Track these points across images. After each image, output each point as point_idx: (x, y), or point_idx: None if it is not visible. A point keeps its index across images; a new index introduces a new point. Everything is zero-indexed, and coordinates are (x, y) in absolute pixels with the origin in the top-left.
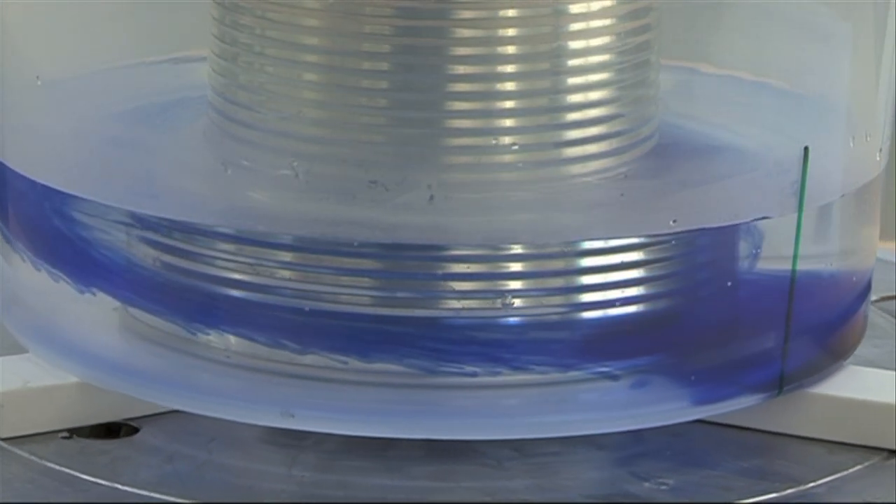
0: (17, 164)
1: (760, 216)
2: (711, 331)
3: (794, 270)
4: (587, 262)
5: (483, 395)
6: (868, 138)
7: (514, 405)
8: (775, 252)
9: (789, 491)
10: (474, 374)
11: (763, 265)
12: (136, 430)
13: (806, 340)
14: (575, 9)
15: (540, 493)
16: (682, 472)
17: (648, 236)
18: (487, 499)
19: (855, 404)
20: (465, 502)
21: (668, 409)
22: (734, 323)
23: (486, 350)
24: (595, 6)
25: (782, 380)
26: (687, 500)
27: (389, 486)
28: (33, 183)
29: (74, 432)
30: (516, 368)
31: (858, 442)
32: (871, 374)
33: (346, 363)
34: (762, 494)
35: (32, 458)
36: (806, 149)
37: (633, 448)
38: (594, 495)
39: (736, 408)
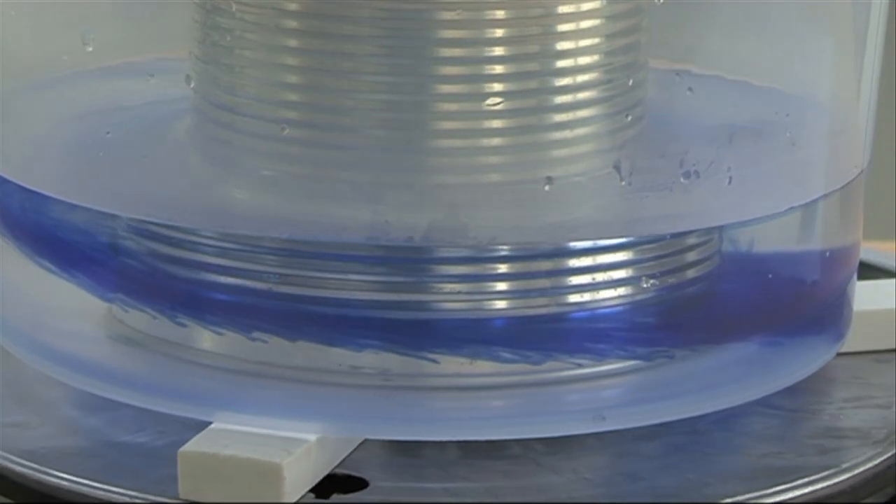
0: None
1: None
2: (821, 289)
3: None
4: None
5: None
6: (851, 136)
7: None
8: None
9: None
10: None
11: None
12: (355, 478)
13: None
14: (564, 10)
15: (750, 443)
16: (837, 402)
17: None
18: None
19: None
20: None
21: (811, 357)
22: (838, 277)
23: (683, 331)
24: (584, 7)
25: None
26: (861, 425)
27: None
28: (16, 185)
29: (315, 491)
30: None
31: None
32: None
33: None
34: None
35: None
36: None
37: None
38: (808, 433)
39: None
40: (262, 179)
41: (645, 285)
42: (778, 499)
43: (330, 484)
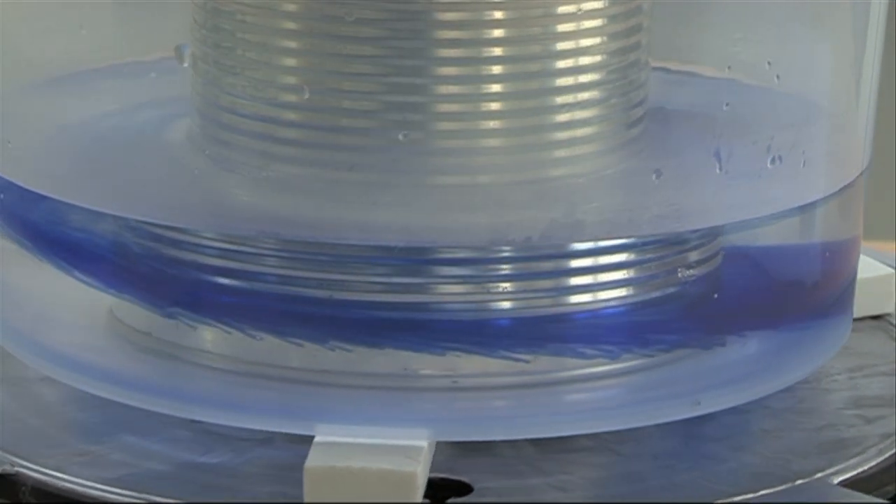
0: None
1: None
2: (840, 273)
3: None
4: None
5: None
6: (851, 137)
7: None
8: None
9: None
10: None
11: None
12: (459, 483)
13: None
14: (564, 10)
15: (801, 420)
16: (843, 373)
17: None
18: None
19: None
20: None
21: (835, 336)
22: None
23: (735, 317)
24: (585, 7)
25: None
26: (882, 392)
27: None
28: (16, 186)
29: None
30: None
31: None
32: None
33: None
34: None
35: None
36: None
37: None
38: (840, 405)
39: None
40: (264, 180)
41: (681, 275)
42: (864, 467)
43: (431, 488)
